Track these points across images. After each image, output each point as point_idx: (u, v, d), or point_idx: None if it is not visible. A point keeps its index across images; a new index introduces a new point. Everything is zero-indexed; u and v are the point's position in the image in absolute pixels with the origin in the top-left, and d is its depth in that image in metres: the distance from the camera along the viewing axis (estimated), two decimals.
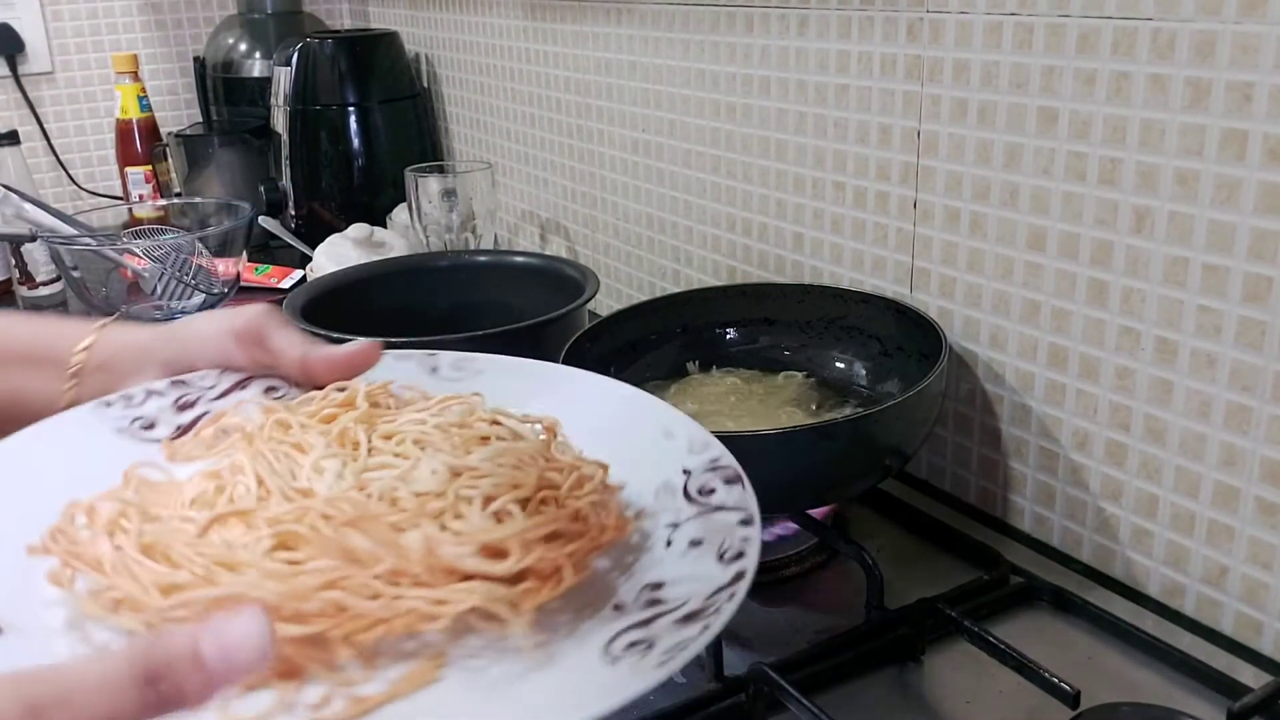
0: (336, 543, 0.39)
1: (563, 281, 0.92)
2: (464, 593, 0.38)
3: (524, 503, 0.42)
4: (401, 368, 0.55)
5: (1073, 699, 0.53)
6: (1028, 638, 0.59)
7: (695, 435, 0.48)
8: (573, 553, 0.41)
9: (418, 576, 0.39)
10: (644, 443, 0.49)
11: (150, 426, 0.53)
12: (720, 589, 0.39)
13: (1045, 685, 0.54)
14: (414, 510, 0.41)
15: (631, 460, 0.49)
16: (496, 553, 0.40)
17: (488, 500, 0.41)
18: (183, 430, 0.53)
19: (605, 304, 1.15)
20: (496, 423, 0.48)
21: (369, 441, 0.46)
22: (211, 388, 0.55)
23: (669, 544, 0.44)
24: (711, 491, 0.45)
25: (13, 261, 1.28)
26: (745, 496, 0.44)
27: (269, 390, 0.55)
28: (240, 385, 0.55)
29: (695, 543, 0.43)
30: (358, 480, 0.43)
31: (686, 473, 0.47)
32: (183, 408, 0.54)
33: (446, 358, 0.56)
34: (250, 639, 0.32)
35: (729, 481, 0.45)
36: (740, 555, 0.41)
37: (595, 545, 0.43)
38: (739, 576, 0.39)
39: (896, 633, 0.60)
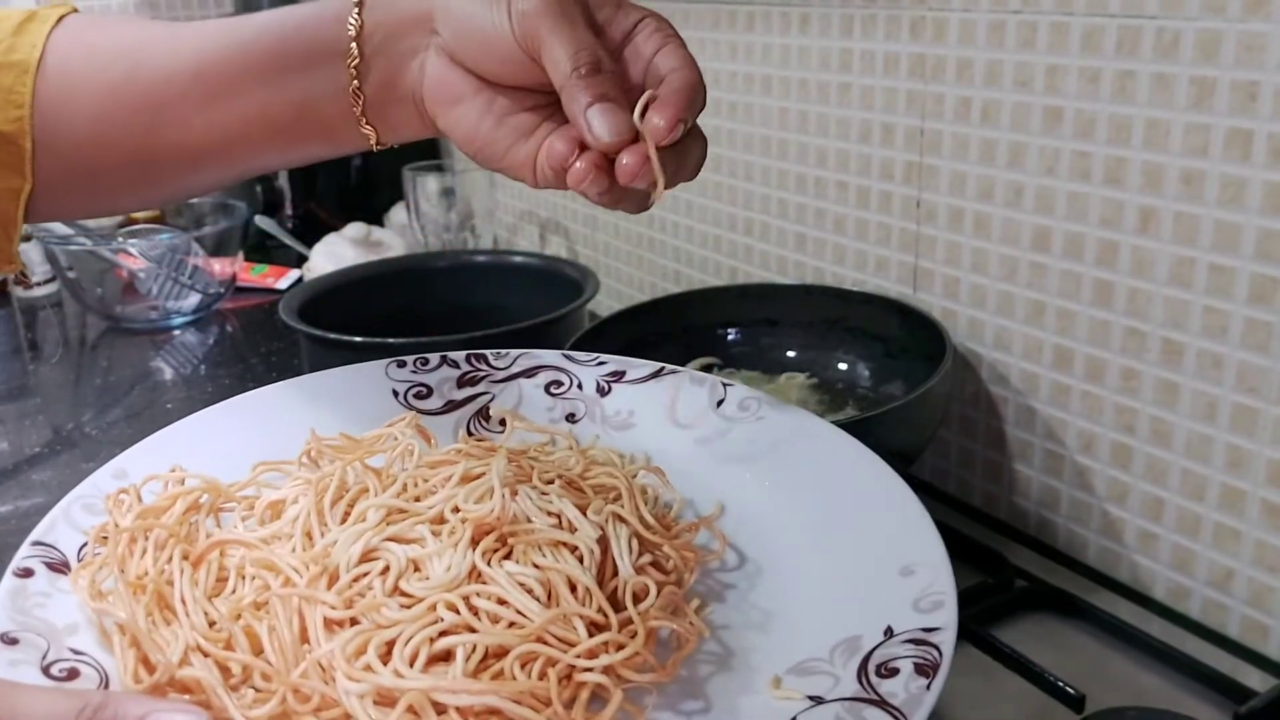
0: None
1: (562, 282, 0.92)
2: None
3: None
4: (692, 392, 0.56)
5: (1078, 703, 0.53)
6: (1032, 642, 0.59)
7: (937, 586, 0.40)
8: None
9: None
10: (871, 567, 0.42)
11: (424, 395, 0.56)
12: None
13: (1050, 689, 0.54)
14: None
15: (843, 584, 0.43)
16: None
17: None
18: (451, 406, 0.56)
19: (605, 304, 1.14)
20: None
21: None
22: (500, 369, 0.57)
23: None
24: (892, 673, 0.36)
25: None
26: (922, 699, 0.35)
27: (551, 386, 0.57)
28: (528, 374, 0.57)
29: None
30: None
31: (889, 633, 0.38)
32: (463, 384, 0.57)
33: (736, 394, 0.54)
34: None
35: (920, 670, 0.36)
36: None
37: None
38: None
39: None
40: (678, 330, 0.83)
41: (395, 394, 0.56)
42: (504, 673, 0.38)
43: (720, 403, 0.54)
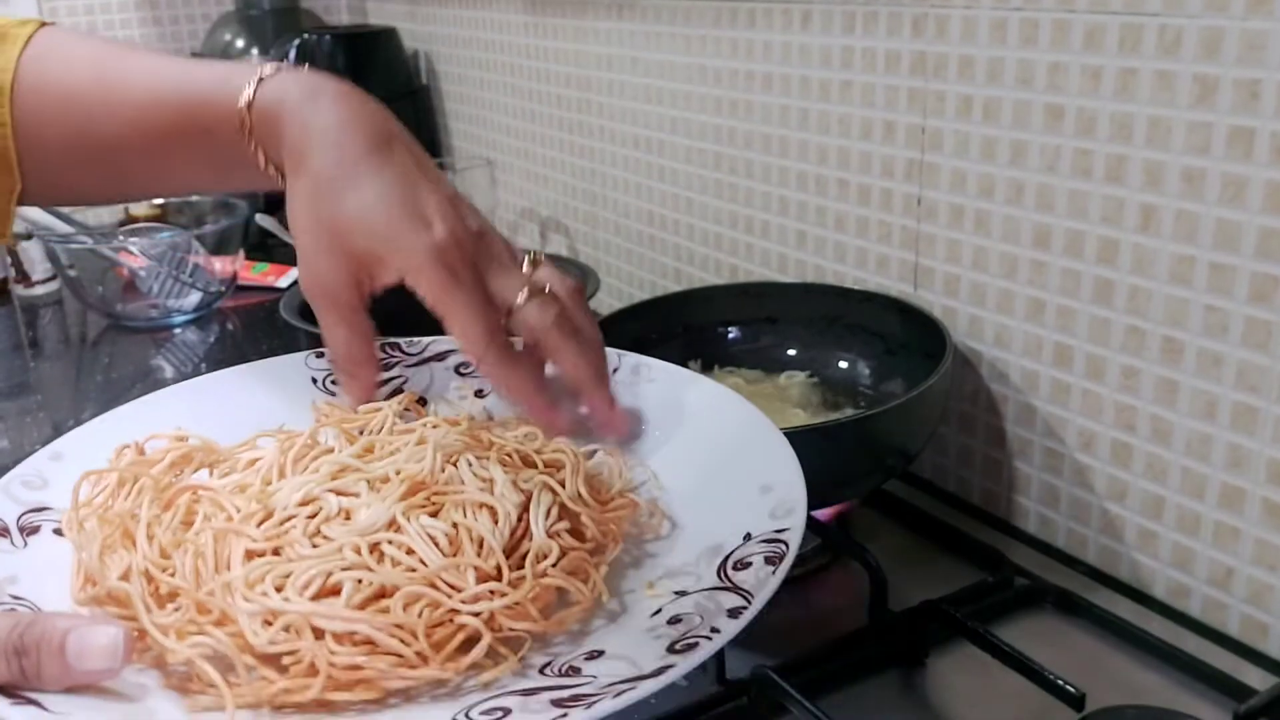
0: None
1: None
2: None
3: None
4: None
5: (1078, 701, 0.53)
6: (1032, 640, 0.59)
7: (788, 498, 0.45)
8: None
9: None
10: (736, 488, 0.48)
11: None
12: (636, 678, 0.37)
13: (1050, 687, 0.54)
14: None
15: (710, 502, 0.48)
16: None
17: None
18: None
19: (606, 302, 1.14)
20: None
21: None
22: (412, 355, 0.61)
23: (656, 613, 0.42)
24: (746, 566, 0.42)
25: (9, 260, 1.27)
26: (767, 581, 0.40)
27: (461, 367, 0.60)
28: (439, 358, 0.61)
29: (673, 620, 0.41)
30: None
31: (747, 538, 0.44)
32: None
33: (629, 361, 0.59)
34: (104, 649, 0.37)
35: (769, 560, 0.42)
36: (690, 647, 0.38)
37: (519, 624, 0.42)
38: (661, 670, 0.36)
39: (900, 635, 0.59)
40: (678, 328, 0.83)
41: (314, 381, 0.59)
42: (389, 610, 0.40)
43: (615, 370, 0.58)
